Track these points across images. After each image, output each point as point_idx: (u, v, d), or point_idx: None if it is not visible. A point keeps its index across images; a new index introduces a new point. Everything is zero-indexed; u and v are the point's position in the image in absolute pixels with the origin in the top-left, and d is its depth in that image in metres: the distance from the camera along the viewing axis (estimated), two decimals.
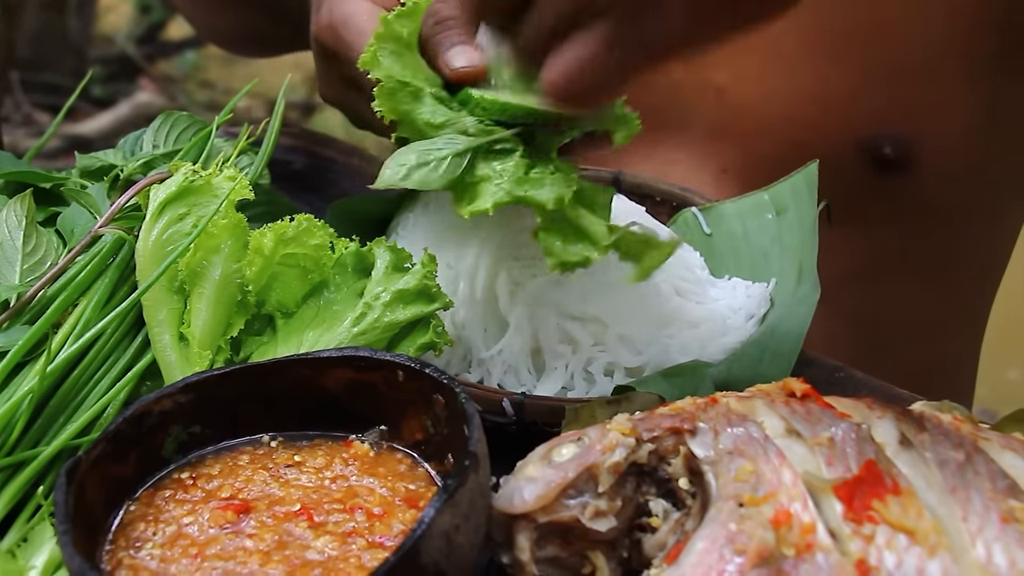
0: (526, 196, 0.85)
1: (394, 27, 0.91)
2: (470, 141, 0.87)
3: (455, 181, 0.86)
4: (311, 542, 0.71)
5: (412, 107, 0.89)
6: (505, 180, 0.86)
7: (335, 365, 0.79)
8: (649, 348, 0.93)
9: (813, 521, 0.66)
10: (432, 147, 0.87)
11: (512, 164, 0.87)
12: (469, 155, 0.87)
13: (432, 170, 0.85)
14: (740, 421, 0.72)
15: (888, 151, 1.21)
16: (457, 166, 0.86)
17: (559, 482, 0.70)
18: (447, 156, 0.86)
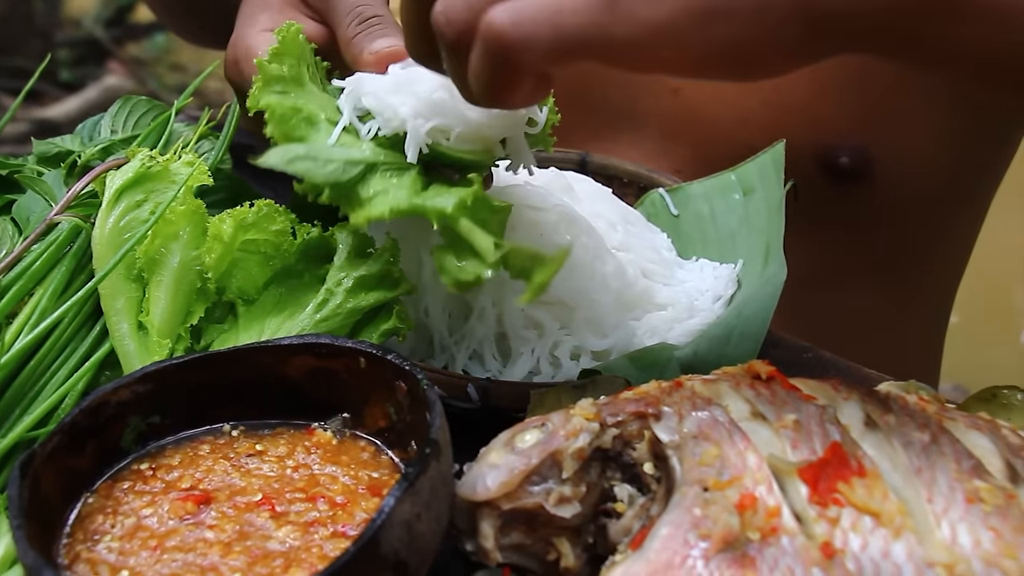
0: (424, 206, 0.82)
1: (270, 70, 0.88)
2: (366, 155, 0.85)
3: (342, 185, 0.83)
4: (272, 532, 0.70)
5: (306, 133, 0.86)
6: (403, 191, 0.84)
7: (296, 352, 0.78)
8: (615, 331, 0.93)
9: (778, 505, 0.65)
10: (325, 150, 0.84)
11: (409, 179, 0.85)
12: (362, 167, 0.84)
13: (319, 166, 0.82)
14: (705, 405, 0.71)
15: (844, 161, 1.21)
16: (346, 172, 0.83)
17: (522, 468, 0.70)
18: (338, 160, 0.83)
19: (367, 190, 0.84)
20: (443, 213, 0.82)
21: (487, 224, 0.82)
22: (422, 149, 0.86)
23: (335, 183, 0.83)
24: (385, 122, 0.86)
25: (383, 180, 0.84)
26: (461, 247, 0.82)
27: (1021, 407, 0.80)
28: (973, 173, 1.32)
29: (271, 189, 1.10)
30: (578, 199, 1.03)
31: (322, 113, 0.87)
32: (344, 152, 0.84)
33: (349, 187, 0.83)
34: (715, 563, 0.63)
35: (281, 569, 0.67)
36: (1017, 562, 0.63)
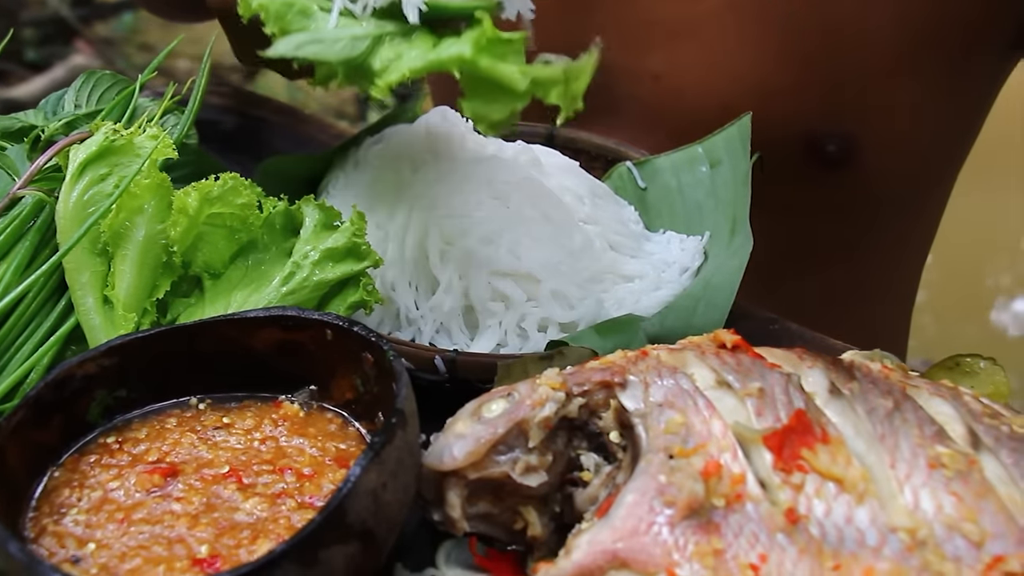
0: (440, 59, 0.82)
1: None
2: (371, 30, 0.85)
3: (354, 61, 0.84)
4: (240, 504, 0.70)
5: (304, 25, 0.86)
6: (416, 52, 0.84)
7: (262, 325, 0.78)
8: (582, 303, 0.93)
9: (743, 472, 0.66)
10: (329, 33, 0.84)
11: (419, 41, 0.84)
12: (369, 40, 0.84)
13: (327, 46, 0.83)
14: (670, 373, 0.71)
15: (831, 148, 1.21)
16: (355, 47, 0.83)
17: (489, 438, 0.70)
18: (344, 37, 0.83)
19: (379, 61, 0.83)
20: (462, 59, 0.81)
21: (506, 58, 0.81)
22: (421, 8, 0.85)
23: (347, 60, 0.82)
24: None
25: (393, 48, 0.84)
26: (487, 88, 0.81)
27: (983, 374, 0.81)
28: (944, 154, 1.33)
29: (237, 163, 1.09)
30: (546, 172, 1.03)
31: (314, 4, 0.87)
32: (348, 31, 0.84)
33: (361, 62, 0.83)
34: (680, 529, 0.63)
35: (248, 540, 0.67)
36: (978, 526, 0.64)
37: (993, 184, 2.82)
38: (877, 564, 0.63)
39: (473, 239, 0.92)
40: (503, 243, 0.93)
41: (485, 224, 0.93)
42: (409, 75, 0.82)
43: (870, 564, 0.63)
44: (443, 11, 0.86)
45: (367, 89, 0.84)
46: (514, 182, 0.97)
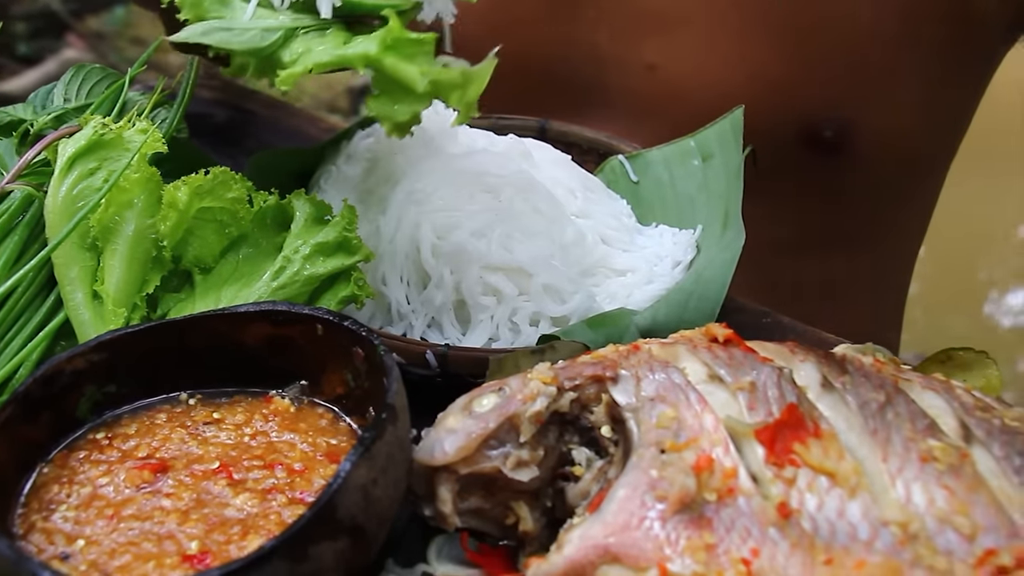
0: (347, 55, 0.82)
1: None
2: (284, 23, 0.85)
3: (262, 52, 0.83)
4: (230, 500, 0.70)
5: (220, 13, 0.86)
6: (325, 47, 0.84)
7: (253, 320, 0.78)
8: (574, 297, 0.92)
9: (735, 466, 0.66)
10: (239, 22, 0.84)
11: (331, 37, 0.85)
12: (281, 33, 0.84)
13: (236, 35, 0.83)
14: (662, 367, 0.71)
15: (828, 135, 1.21)
16: (264, 38, 0.83)
17: (480, 433, 0.70)
18: (255, 28, 0.83)
19: (289, 54, 0.83)
20: (367, 57, 0.81)
21: (414, 58, 0.81)
22: (335, 3, 0.85)
23: (255, 50, 0.83)
24: None
25: (305, 42, 0.84)
26: (393, 89, 0.81)
27: (976, 367, 0.81)
28: (940, 139, 1.33)
29: (229, 157, 1.09)
30: (537, 166, 1.02)
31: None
32: (261, 22, 0.84)
33: (270, 53, 0.83)
34: (672, 524, 0.63)
35: (239, 536, 0.67)
36: (969, 519, 0.64)
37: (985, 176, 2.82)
38: (869, 558, 0.62)
39: (464, 233, 0.92)
40: (494, 237, 0.92)
41: (476, 218, 0.93)
42: (314, 69, 0.82)
43: (862, 558, 0.62)
44: (357, 8, 0.87)
45: (272, 80, 0.83)
46: (506, 176, 0.96)
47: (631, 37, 1.22)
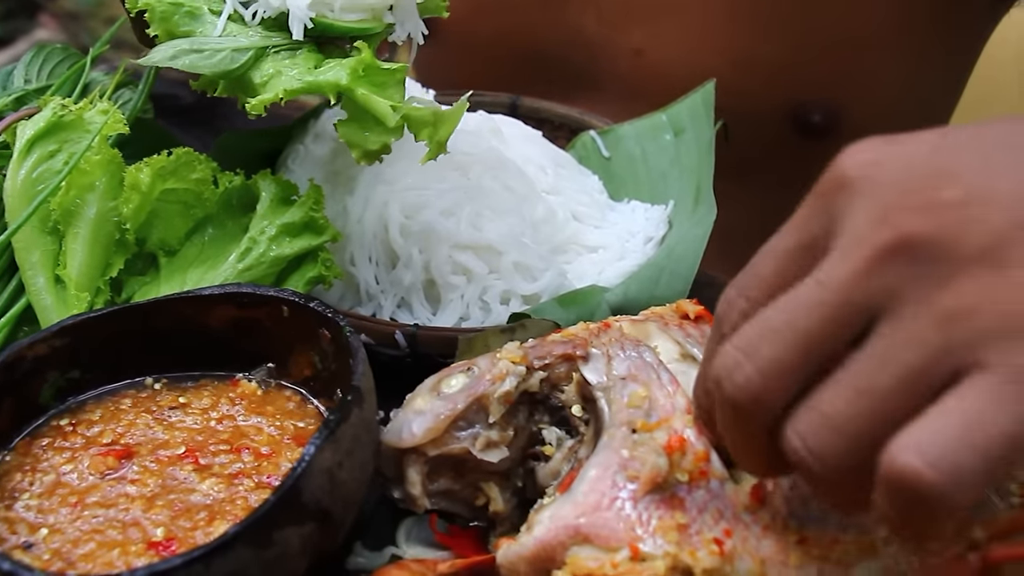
0: (318, 82, 0.82)
1: None
2: (254, 40, 0.84)
3: (232, 74, 0.83)
4: (196, 485, 0.69)
5: (191, 27, 0.85)
6: (296, 71, 0.83)
7: (218, 303, 0.77)
8: (545, 275, 0.91)
9: (707, 449, 0.65)
10: (211, 41, 0.83)
11: (302, 58, 0.84)
12: (252, 53, 0.83)
13: (206, 57, 0.82)
14: (633, 346, 0.70)
15: (816, 118, 1.19)
16: (234, 60, 0.82)
17: (448, 414, 0.69)
18: (225, 48, 0.82)
19: (259, 75, 0.83)
20: (338, 86, 0.81)
21: (385, 88, 0.81)
22: (307, 24, 0.84)
23: (225, 73, 0.81)
24: (266, 2, 0.85)
25: (275, 63, 0.84)
26: (364, 117, 0.81)
27: None
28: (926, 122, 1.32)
29: (196, 138, 1.07)
30: (507, 143, 1.01)
31: (205, 5, 0.85)
32: (231, 41, 0.83)
33: (241, 75, 0.82)
34: (643, 504, 0.62)
35: (205, 522, 0.66)
36: None
37: None
38: (843, 536, 0.62)
39: (433, 212, 0.91)
40: (464, 215, 0.91)
41: (445, 196, 0.92)
42: (284, 96, 0.82)
43: (836, 535, 0.62)
44: (329, 30, 0.86)
45: (244, 102, 0.83)
46: (475, 153, 0.95)
47: (619, 21, 1.21)
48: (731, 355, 0.54)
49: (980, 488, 0.48)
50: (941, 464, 0.47)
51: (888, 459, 0.48)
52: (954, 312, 0.49)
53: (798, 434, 0.52)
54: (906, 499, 0.48)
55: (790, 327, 0.52)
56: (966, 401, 0.48)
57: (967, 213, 0.50)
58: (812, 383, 0.52)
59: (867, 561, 0.61)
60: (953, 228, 0.50)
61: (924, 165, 0.53)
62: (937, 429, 0.48)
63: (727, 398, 0.54)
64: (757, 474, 0.61)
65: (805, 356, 0.52)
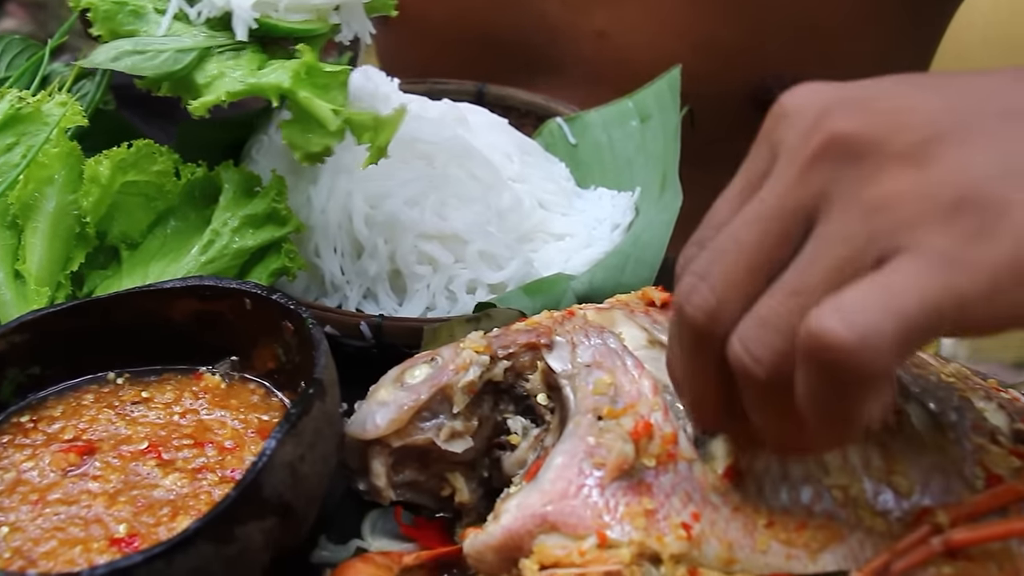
0: (260, 84, 0.82)
1: None
2: (198, 41, 0.84)
3: (175, 75, 0.83)
4: (159, 481, 0.68)
5: (135, 26, 0.84)
6: (240, 72, 0.83)
7: (180, 296, 0.76)
8: (511, 263, 0.91)
9: (675, 431, 0.65)
10: (154, 41, 0.83)
11: (246, 59, 0.84)
12: (196, 54, 0.83)
13: (148, 59, 0.82)
14: (597, 333, 0.70)
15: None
16: (178, 61, 0.82)
17: (412, 405, 0.69)
18: (169, 49, 0.82)
19: (203, 76, 0.82)
20: (280, 88, 0.81)
21: (328, 91, 0.82)
22: (251, 25, 0.84)
23: (168, 74, 0.81)
24: (210, 2, 0.85)
25: (219, 63, 0.84)
26: (307, 119, 0.82)
27: None
28: None
29: (160, 129, 1.06)
30: (473, 131, 1.01)
31: (149, 4, 0.85)
32: (175, 41, 0.83)
33: (184, 75, 0.82)
34: (610, 491, 0.62)
35: (168, 517, 0.66)
36: (906, 477, 0.64)
37: None
38: (810, 521, 0.62)
39: (398, 201, 0.90)
40: (428, 205, 0.91)
41: (410, 186, 0.91)
42: (227, 98, 0.82)
43: (803, 520, 0.62)
44: (274, 30, 0.86)
45: (187, 103, 0.83)
46: (439, 142, 0.95)
47: (581, 4, 1.20)
48: (687, 281, 0.57)
49: (894, 355, 0.49)
50: (857, 325, 0.49)
51: (806, 325, 0.50)
52: (878, 203, 0.51)
53: (739, 339, 0.54)
54: (822, 364, 0.50)
55: (736, 243, 0.55)
56: (886, 276, 0.50)
57: (896, 117, 0.53)
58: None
59: (833, 546, 0.61)
60: (882, 128, 0.53)
61: (855, 90, 0.57)
62: (856, 297, 0.50)
63: (687, 322, 0.56)
64: (713, 426, 0.63)
65: (752, 269, 0.55)
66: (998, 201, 0.50)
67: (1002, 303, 0.50)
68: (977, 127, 0.53)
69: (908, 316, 0.49)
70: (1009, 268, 0.49)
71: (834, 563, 0.61)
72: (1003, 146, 0.52)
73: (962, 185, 0.51)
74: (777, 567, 0.60)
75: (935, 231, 0.50)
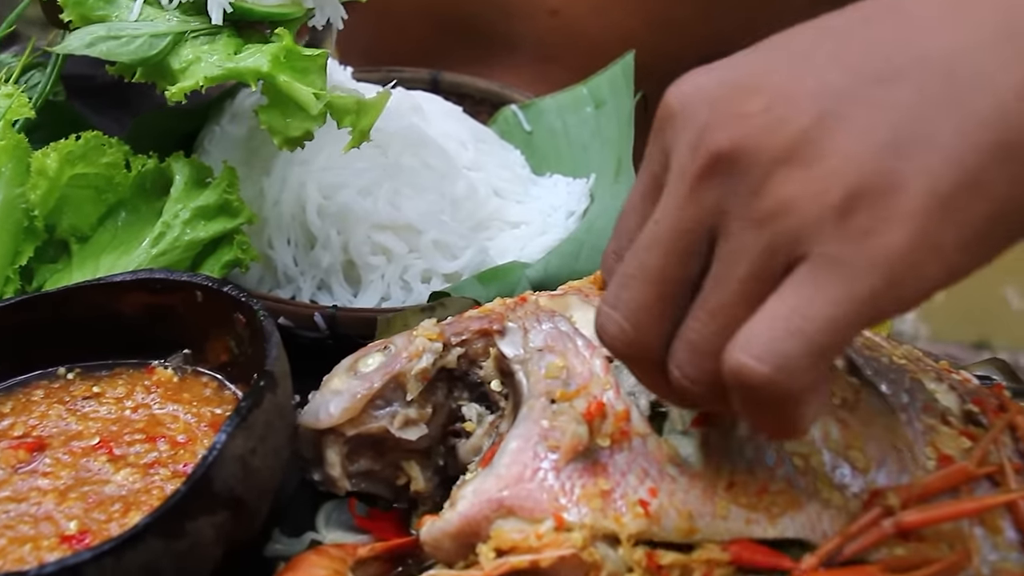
0: (238, 69, 0.81)
1: None
2: (172, 25, 0.83)
3: (150, 60, 0.82)
4: (111, 476, 0.68)
5: (106, 11, 0.83)
6: (216, 58, 0.82)
7: (130, 289, 0.75)
8: (466, 252, 0.91)
9: (627, 408, 0.65)
10: (128, 26, 0.82)
11: (221, 44, 0.83)
12: (170, 38, 0.82)
13: (123, 44, 0.81)
14: (548, 317, 0.70)
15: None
16: (153, 46, 0.81)
17: (365, 393, 0.68)
18: (143, 34, 0.81)
19: (178, 61, 0.82)
20: (259, 73, 0.80)
21: (307, 74, 0.81)
22: (226, 9, 0.84)
23: (143, 60, 0.80)
24: None
25: (194, 48, 0.83)
26: (285, 103, 0.81)
27: None
28: None
29: (114, 120, 1.05)
30: (427, 119, 1.00)
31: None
32: (149, 26, 0.82)
33: (159, 61, 0.81)
34: (566, 473, 0.62)
35: (120, 513, 0.65)
36: (863, 453, 0.64)
37: None
38: (771, 485, 0.62)
39: (351, 192, 0.90)
40: (382, 194, 0.90)
41: (363, 176, 0.91)
42: (204, 83, 0.81)
43: (764, 483, 0.62)
44: (248, 14, 0.85)
45: (163, 89, 0.82)
46: (393, 131, 0.94)
47: None
48: (602, 311, 0.57)
49: (812, 372, 0.51)
50: (766, 356, 0.50)
51: (724, 361, 0.52)
52: (771, 213, 0.51)
53: (675, 366, 0.55)
54: (746, 395, 0.52)
55: (641, 269, 0.55)
56: (788, 293, 0.51)
57: (770, 117, 0.52)
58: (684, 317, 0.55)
59: (792, 512, 0.62)
60: (757, 135, 0.52)
61: (732, 81, 0.55)
62: (762, 325, 0.51)
63: (613, 351, 0.58)
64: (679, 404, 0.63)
65: (660, 294, 0.55)
66: (888, 183, 0.50)
67: (907, 290, 0.50)
68: (855, 102, 0.52)
69: (815, 334, 0.50)
70: (906, 257, 0.50)
71: (793, 530, 0.61)
72: (885, 116, 0.51)
73: (850, 176, 0.50)
74: (738, 532, 0.61)
75: (829, 235, 0.50)
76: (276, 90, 0.81)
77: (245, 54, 0.82)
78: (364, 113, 0.82)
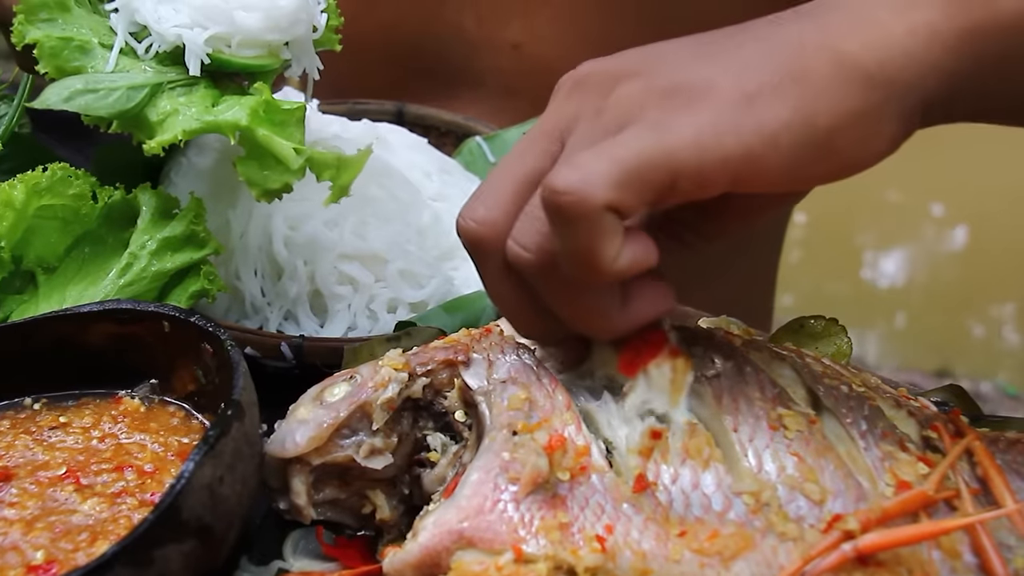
0: (217, 122, 0.82)
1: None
2: (149, 77, 0.83)
3: (128, 113, 0.82)
4: (78, 506, 0.68)
5: (82, 63, 0.84)
6: (194, 110, 0.83)
7: (97, 320, 0.76)
8: (431, 282, 0.92)
9: (587, 443, 0.66)
10: (105, 78, 0.82)
11: (199, 95, 0.84)
12: (147, 90, 0.83)
13: (101, 97, 0.81)
14: (513, 348, 0.71)
15: None
16: (130, 99, 0.82)
17: (331, 422, 0.69)
18: (120, 87, 0.82)
19: (156, 113, 0.82)
20: (238, 126, 0.81)
21: (286, 127, 0.82)
22: (203, 60, 0.84)
23: (121, 113, 0.81)
24: (160, 37, 0.84)
25: (172, 99, 0.83)
26: (264, 156, 0.82)
27: (826, 334, 0.82)
28: None
29: (79, 152, 1.05)
30: (392, 151, 1.01)
31: (95, 38, 0.85)
32: (126, 78, 0.83)
33: (137, 113, 0.82)
34: (525, 505, 0.63)
35: (87, 543, 0.65)
36: (819, 485, 0.65)
37: None
38: (722, 529, 0.63)
39: (317, 222, 0.91)
40: (348, 225, 0.91)
41: (329, 207, 0.92)
42: (183, 137, 0.82)
43: (715, 528, 0.63)
44: (226, 65, 0.86)
45: (141, 140, 0.83)
46: None
47: (498, 16, 1.22)
48: (467, 204, 0.67)
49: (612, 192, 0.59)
50: (580, 168, 0.59)
51: (544, 183, 0.60)
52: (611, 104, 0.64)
53: (511, 238, 0.64)
54: (557, 209, 0.60)
55: (502, 165, 0.67)
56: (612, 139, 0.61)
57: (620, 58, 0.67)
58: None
59: (746, 553, 0.62)
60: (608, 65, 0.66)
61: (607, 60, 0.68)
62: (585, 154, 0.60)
63: (468, 239, 0.67)
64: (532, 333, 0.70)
65: (515, 179, 0.65)
66: (705, 82, 0.62)
67: (708, 153, 0.60)
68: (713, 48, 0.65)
69: (623, 160, 0.59)
70: (709, 127, 0.60)
71: (748, 570, 0.62)
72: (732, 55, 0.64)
73: (676, 76, 0.63)
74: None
75: (653, 107, 0.62)
76: (255, 143, 0.82)
77: (223, 106, 0.83)
78: (344, 169, 0.83)
